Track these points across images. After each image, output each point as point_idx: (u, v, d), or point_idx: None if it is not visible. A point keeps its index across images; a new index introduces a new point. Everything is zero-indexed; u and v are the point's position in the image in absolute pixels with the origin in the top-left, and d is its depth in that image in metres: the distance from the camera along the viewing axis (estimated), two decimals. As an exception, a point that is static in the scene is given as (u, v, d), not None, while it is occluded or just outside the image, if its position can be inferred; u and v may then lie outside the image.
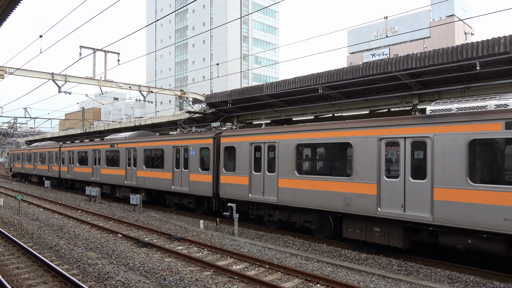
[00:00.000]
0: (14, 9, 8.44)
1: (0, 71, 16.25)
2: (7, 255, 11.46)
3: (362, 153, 11.17)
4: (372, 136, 10.96)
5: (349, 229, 11.87)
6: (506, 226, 8.46)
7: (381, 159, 10.78)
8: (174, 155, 18.51)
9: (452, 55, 12.03)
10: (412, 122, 10.28)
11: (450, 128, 9.49)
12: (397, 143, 10.51)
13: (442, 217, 9.50)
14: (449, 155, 9.47)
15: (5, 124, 58.10)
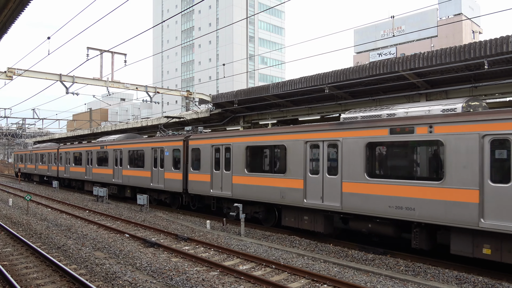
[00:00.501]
0: (22, 11, 8.53)
1: (9, 73, 16.43)
2: (16, 254, 11.58)
3: (293, 154, 13.10)
4: (300, 139, 12.90)
5: (286, 218, 13.82)
6: (391, 212, 10.44)
7: (307, 158, 12.73)
8: (153, 155, 20.37)
9: (459, 54, 11.95)
10: (328, 128, 12.21)
11: (354, 133, 11.40)
12: (318, 145, 12.44)
13: (348, 206, 11.48)
14: (353, 155, 11.36)
15: (14, 125, 58.70)
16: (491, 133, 8.82)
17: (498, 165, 8.84)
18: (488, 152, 8.91)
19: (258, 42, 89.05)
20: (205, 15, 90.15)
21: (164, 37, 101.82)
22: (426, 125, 9.93)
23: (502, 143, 8.73)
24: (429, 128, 9.86)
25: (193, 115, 24.31)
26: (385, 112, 11.33)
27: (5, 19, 8.97)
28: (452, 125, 9.49)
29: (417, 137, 10.09)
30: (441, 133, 9.62)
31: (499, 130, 8.67)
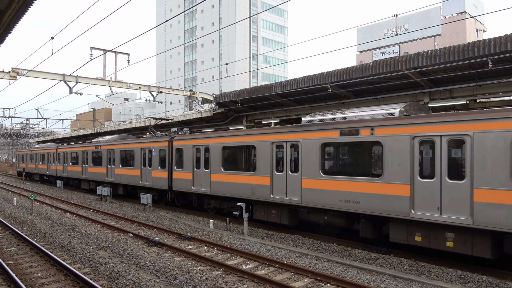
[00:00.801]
0: (26, 11, 8.56)
1: (13, 73, 16.51)
2: (21, 254, 11.64)
3: (262, 154, 14.39)
4: (267, 140, 14.20)
5: (257, 212, 15.10)
6: (341, 206, 11.71)
7: (273, 157, 14.03)
8: (142, 155, 21.70)
9: (463, 52, 11.89)
10: (291, 130, 13.47)
11: (311, 135, 12.66)
12: (282, 146, 13.69)
13: (306, 200, 12.79)
14: (310, 154, 12.65)
15: (18, 125, 58.98)
16: (420, 135, 10.07)
17: (425, 163, 10.10)
18: (418, 151, 10.17)
19: (261, 41, 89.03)
20: (208, 14, 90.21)
21: (167, 36, 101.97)
22: (368, 128, 11.24)
23: (429, 143, 9.99)
24: (371, 131, 11.16)
25: (196, 114, 24.34)
26: (338, 116, 12.71)
27: (9, 19, 9.01)
28: (388, 127, 10.78)
29: (361, 138, 11.40)
30: (380, 134, 10.92)
31: (426, 132, 9.94)
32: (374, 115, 11.72)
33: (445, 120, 9.67)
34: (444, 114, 10.10)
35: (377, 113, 11.69)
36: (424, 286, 8.65)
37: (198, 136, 17.82)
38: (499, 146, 8.74)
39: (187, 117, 25.52)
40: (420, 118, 10.23)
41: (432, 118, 9.97)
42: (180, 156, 18.64)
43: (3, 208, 21.28)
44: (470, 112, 9.61)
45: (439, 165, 9.71)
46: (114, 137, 27.01)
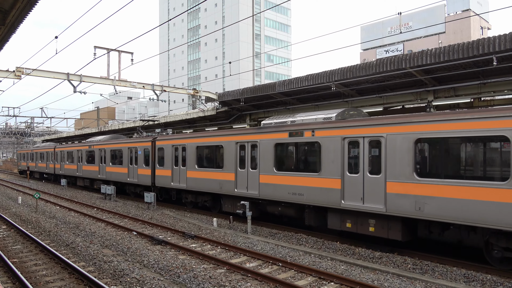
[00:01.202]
0: (30, 11, 8.59)
1: (18, 72, 16.58)
2: (26, 252, 11.71)
3: (228, 153, 16.17)
4: (232, 141, 15.96)
5: (225, 205, 16.88)
6: (290, 198, 13.45)
7: (237, 156, 15.75)
8: (129, 154, 23.50)
9: (467, 50, 11.82)
10: (251, 132, 15.38)
11: (267, 136, 14.44)
12: (244, 146, 15.49)
13: (263, 194, 14.52)
14: (266, 153, 14.43)
15: (22, 124, 59.25)
16: (348, 137, 11.80)
17: (352, 159, 11.80)
18: (347, 150, 11.89)
19: (264, 40, 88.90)
20: (211, 13, 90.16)
21: (170, 35, 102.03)
22: (310, 130, 12.96)
23: (355, 144, 11.70)
24: (312, 132, 12.88)
25: (199, 113, 24.37)
26: (289, 120, 14.49)
27: (13, 19, 9.04)
28: (325, 130, 12.49)
29: (305, 139, 13.15)
30: (319, 136, 12.67)
31: (353, 134, 11.67)
32: (316, 119, 13.47)
33: (367, 124, 11.38)
34: (367, 118, 11.92)
35: (319, 117, 13.44)
36: (428, 285, 8.63)
37: (176, 136, 19.82)
38: (405, 146, 10.45)
39: (190, 116, 25.55)
40: (349, 122, 12.04)
41: (358, 122, 11.74)
42: (162, 154, 20.44)
43: (8, 207, 21.41)
44: (384, 117, 11.49)
45: (362, 162, 11.48)
46: (106, 137, 28.68)
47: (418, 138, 10.20)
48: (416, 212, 10.14)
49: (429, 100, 14.62)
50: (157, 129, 23.06)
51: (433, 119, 9.95)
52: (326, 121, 12.88)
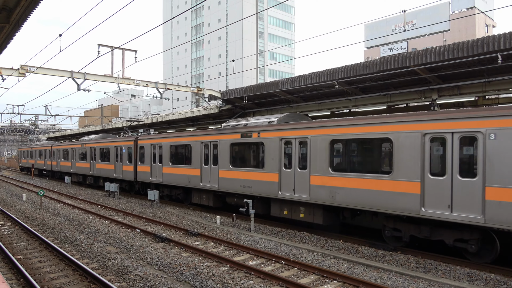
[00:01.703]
0: (34, 9, 8.62)
1: (22, 70, 16.64)
2: (30, 249, 11.79)
3: (195, 151, 18.42)
4: (198, 140, 18.32)
5: (194, 197, 19.13)
6: (242, 190, 15.79)
7: (202, 154, 18.11)
8: (115, 152, 25.86)
9: (472, 48, 11.74)
10: (213, 133, 17.70)
11: (225, 137, 16.85)
12: (208, 145, 17.86)
13: (222, 187, 16.86)
14: (224, 151, 16.78)
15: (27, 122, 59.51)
16: (284, 138, 14.18)
17: (287, 157, 14.08)
18: (283, 149, 14.17)
19: (267, 37, 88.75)
20: (215, 11, 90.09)
21: (174, 33, 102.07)
22: (256, 132, 15.29)
23: (289, 144, 14.04)
24: (258, 134, 15.17)
25: (202, 111, 24.37)
26: (243, 122, 16.74)
27: (18, 17, 9.07)
28: (267, 132, 14.78)
29: (253, 140, 15.44)
30: (263, 137, 14.95)
31: (288, 136, 14.05)
32: (263, 122, 15.72)
33: (297, 127, 13.74)
34: (298, 123, 13.97)
35: (265, 121, 15.70)
36: (431, 284, 8.62)
37: (154, 136, 22.27)
38: (323, 146, 12.73)
39: (194, 114, 25.56)
40: (285, 125, 14.27)
41: (291, 125, 14.02)
42: (143, 152, 22.80)
43: (13, 204, 21.53)
44: (309, 122, 13.80)
45: (294, 159, 13.74)
46: (97, 136, 31.07)
47: (332, 139, 12.52)
48: (330, 200, 12.44)
49: (433, 98, 14.55)
50: (140, 129, 25.33)
51: (343, 124, 12.31)
52: (269, 124, 15.20)
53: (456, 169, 9.62)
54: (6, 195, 26.03)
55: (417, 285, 8.47)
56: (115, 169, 25.96)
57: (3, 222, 15.98)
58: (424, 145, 10.21)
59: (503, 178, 8.84)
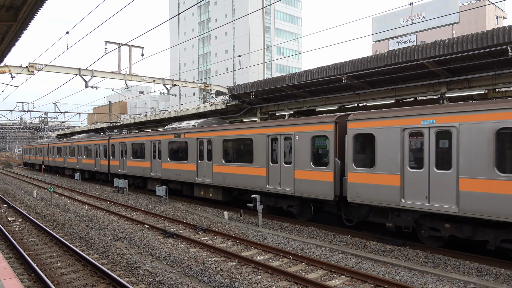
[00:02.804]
0: (41, 6, 8.66)
1: (30, 68, 16.78)
2: (41, 244, 11.94)
3: (147, 147, 23.24)
4: (148, 140, 23.16)
5: (148, 185, 24.03)
6: (176, 177, 20.49)
7: (151, 150, 22.81)
8: (95, 149, 30.93)
9: (482, 40, 11.57)
10: (158, 134, 22.44)
11: (165, 137, 21.59)
12: (155, 143, 22.55)
13: (164, 175, 21.60)
14: (164, 149, 21.46)
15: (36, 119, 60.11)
16: (200, 138, 18.75)
17: (200, 152, 18.71)
18: (199, 146, 18.80)
19: (274, 32, 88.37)
20: (221, 6, 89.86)
21: (180, 29, 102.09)
22: (183, 133, 19.93)
23: (202, 142, 18.60)
24: (184, 135, 19.80)
25: (210, 107, 24.40)
26: (177, 126, 21.35)
27: (25, 15, 9.13)
28: (189, 133, 19.51)
29: (182, 139, 20.03)
30: (187, 137, 19.61)
31: (201, 136, 18.62)
32: (189, 126, 20.23)
33: (204, 130, 18.53)
34: (210, 126, 18.53)
35: (190, 124, 20.38)
36: (440, 279, 8.56)
37: (120, 136, 27.44)
38: (219, 144, 17.59)
39: (201, 110, 25.60)
40: (198, 129, 18.96)
41: (201, 129, 18.79)
42: (113, 149, 27.79)
43: (24, 200, 21.82)
44: (212, 127, 18.39)
45: (205, 153, 18.38)
46: (84, 136, 36.74)
47: (223, 139, 17.28)
48: (223, 183, 17.09)
49: (442, 92, 14.40)
50: (115, 130, 30.83)
51: (228, 128, 17.22)
52: (191, 127, 19.89)
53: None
54: (17, 191, 26.38)
55: (426, 280, 8.43)
56: (95, 164, 31.05)
57: (14, 218, 16.20)
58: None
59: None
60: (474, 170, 9.27)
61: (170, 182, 21.54)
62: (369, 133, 11.55)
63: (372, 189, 11.38)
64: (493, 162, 8.95)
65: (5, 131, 73.21)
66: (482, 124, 9.21)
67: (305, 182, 13.56)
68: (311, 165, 13.36)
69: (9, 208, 19.22)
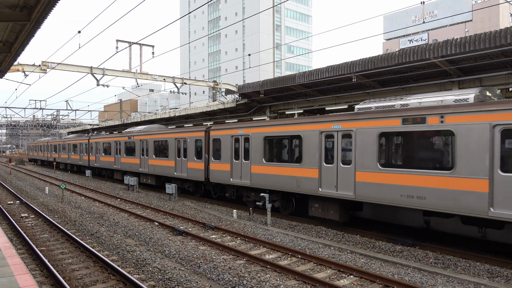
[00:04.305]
0: (54, 6, 8.77)
1: (43, 66, 17.03)
2: (52, 240, 12.12)
3: (113, 147, 28.70)
4: (113, 140, 28.43)
5: (115, 175, 29.87)
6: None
7: (115, 149, 28.67)
8: (79, 147, 37.25)
9: (495, 39, 11.43)
10: (118, 136, 27.93)
11: (122, 138, 27.69)
12: (118, 143, 27.79)
13: (123, 167, 27.50)
14: (150, 147, 23.91)
15: (49, 116, 60.99)
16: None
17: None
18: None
19: (284, 30, 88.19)
20: (232, 4, 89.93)
21: (191, 27, 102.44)
22: (133, 136, 25.65)
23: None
24: (133, 137, 23.80)
25: (219, 105, 24.48)
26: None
27: (38, 14, 9.26)
28: (138, 136, 25.07)
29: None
30: (135, 139, 25.26)
31: (160, 138, 22.54)
32: (139, 130, 24.27)
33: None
34: (168, 129, 22.65)
35: (136, 129, 24.95)
36: (450, 280, 8.49)
37: (98, 136, 33.28)
38: (151, 143, 22.51)
39: (211, 108, 25.71)
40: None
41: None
42: (91, 147, 34.00)
43: (36, 197, 22.15)
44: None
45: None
46: (74, 136, 43.47)
47: (154, 140, 22.58)
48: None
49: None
50: (95, 132, 39.17)
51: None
52: (151, 132, 23.81)
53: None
54: (30, 188, 26.79)
55: (436, 281, 8.37)
56: (80, 159, 37.63)
57: (27, 214, 16.47)
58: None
59: (190, 158, 19.82)
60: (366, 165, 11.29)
61: (127, 173, 25.59)
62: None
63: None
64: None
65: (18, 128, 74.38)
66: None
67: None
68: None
69: (22, 204, 19.53)
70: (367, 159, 11.42)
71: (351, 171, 11.86)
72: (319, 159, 12.91)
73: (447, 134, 9.95)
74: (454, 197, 9.59)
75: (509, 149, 8.91)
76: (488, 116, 9.08)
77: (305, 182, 13.41)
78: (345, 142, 12.14)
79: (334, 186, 12.39)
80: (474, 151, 9.29)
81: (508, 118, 8.76)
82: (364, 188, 11.50)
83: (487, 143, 9.05)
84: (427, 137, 10.43)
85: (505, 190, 8.79)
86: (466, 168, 9.42)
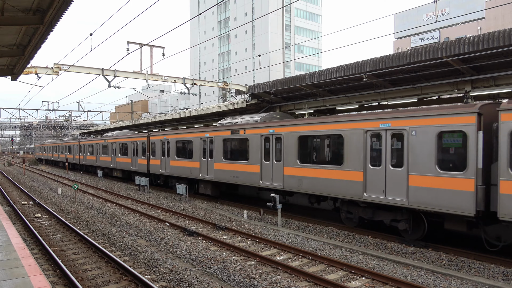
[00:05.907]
0: (66, 9, 8.87)
1: (56, 68, 17.24)
2: (65, 241, 12.27)
3: (96, 148, 35.85)
4: (100, 143, 35.09)
5: (113, 173, 33.86)
6: (106, 165, 33.69)
7: (100, 148, 35.67)
8: (70, 148, 45.66)
9: (509, 37, 11.21)
10: (103, 138, 35.03)
11: (113, 140, 32.79)
12: (106, 144, 33.77)
13: (118, 166, 31.50)
14: (112, 147, 32.07)
15: (61, 118, 61.78)
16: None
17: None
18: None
19: (294, 30, 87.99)
20: (241, 4, 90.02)
21: (201, 28, 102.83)
22: (105, 138, 33.33)
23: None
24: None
25: (229, 106, 24.51)
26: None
27: (51, 18, 9.37)
28: (112, 139, 32.04)
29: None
30: (109, 142, 32.14)
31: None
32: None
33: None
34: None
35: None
36: (464, 282, 8.37)
37: (89, 139, 38.49)
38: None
39: (220, 109, 25.75)
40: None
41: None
42: (80, 148, 40.30)
43: (49, 197, 22.44)
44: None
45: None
46: (69, 138, 51.97)
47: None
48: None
49: (467, 90, 14.04)
50: (83, 135, 50.99)
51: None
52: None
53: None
54: (43, 188, 27.16)
55: (449, 283, 8.26)
56: (73, 158, 44.65)
57: (40, 215, 16.69)
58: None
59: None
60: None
61: (114, 171, 31.33)
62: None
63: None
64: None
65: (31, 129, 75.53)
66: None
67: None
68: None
69: (35, 204, 19.81)
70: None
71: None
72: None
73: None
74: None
75: (267, 149, 16.25)
76: (261, 130, 16.39)
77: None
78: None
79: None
80: (254, 151, 16.81)
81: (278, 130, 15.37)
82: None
83: (261, 145, 16.54)
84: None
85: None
86: (252, 159, 16.81)
